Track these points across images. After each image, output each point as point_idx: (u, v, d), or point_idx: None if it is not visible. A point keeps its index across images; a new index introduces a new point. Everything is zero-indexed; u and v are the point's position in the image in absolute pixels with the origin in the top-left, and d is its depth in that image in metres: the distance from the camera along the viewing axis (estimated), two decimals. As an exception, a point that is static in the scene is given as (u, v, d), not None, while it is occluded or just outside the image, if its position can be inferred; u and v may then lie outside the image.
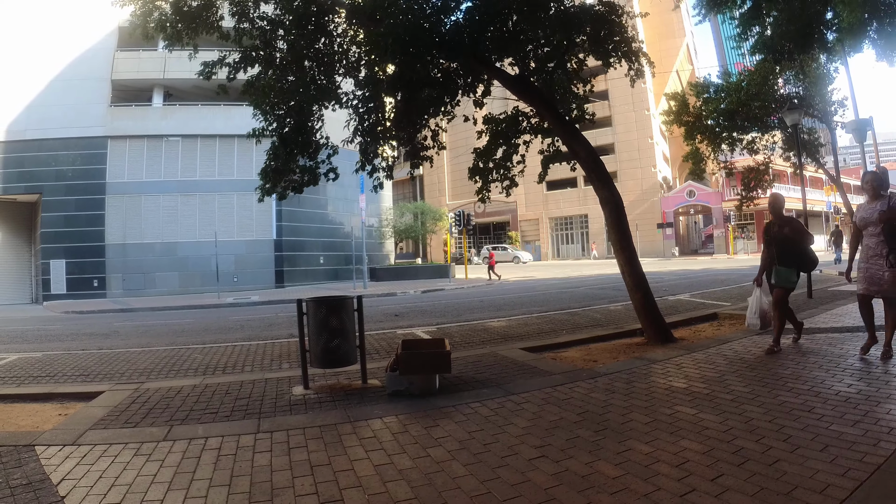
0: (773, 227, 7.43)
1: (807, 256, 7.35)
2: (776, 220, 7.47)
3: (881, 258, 6.06)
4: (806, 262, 7.36)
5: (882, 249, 6.04)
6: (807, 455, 3.60)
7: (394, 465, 3.87)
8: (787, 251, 7.25)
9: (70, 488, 3.63)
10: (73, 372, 8.16)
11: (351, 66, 10.13)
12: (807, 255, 7.36)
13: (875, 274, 6.14)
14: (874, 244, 6.15)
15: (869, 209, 6.25)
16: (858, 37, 9.23)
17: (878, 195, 6.22)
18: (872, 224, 6.15)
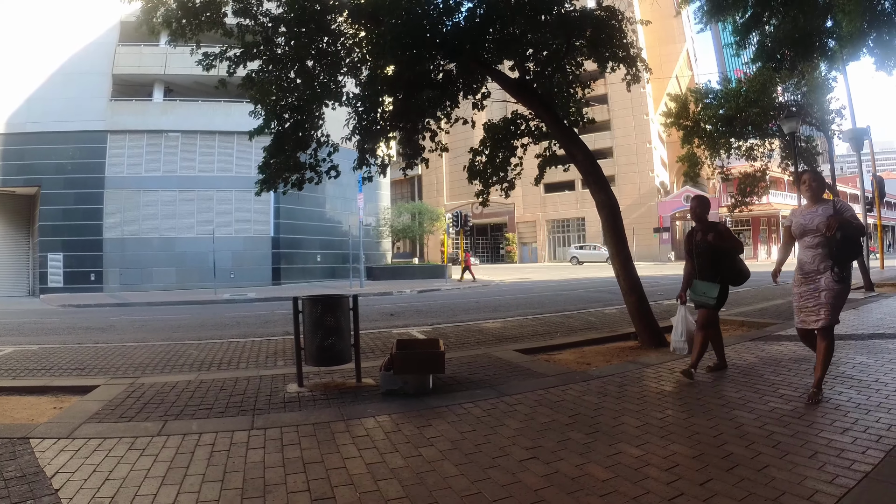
0: (695, 235, 6.47)
1: (735, 268, 6.34)
2: (699, 226, 6.50)
3: (819, 274, 5.08)
4: (734, 274, 6.34)
5: (821, 264, 5.07)
6: (795, 461, 3.63)
7: (386, 463, 3.90)
8: (709, 262, 6.32)
9: (64, 481, 3.65)
10: (69, 365, 8.17)
11: (353, 66, 10.15)
12: (735, 266, 6.35)
13: (811, 295, 5.16)
14: (811, 258, 5.16)
15: (808, 214, 5.24)
16: (857, 46, 9.27)
17: (820, 198, 5.30)
18: (812, 233, 5.12)
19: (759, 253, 52.76)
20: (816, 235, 5.10)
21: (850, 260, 5.12)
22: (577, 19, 8.80)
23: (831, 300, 5.03)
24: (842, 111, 17.72)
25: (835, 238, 4.92)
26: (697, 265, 6.42)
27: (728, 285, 6.35)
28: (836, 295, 5.04)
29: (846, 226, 4.93)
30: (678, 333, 6.61)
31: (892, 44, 9.26)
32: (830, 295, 5.03)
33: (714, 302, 6.21)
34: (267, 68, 9.72)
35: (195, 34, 9.46)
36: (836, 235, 4.90)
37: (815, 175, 5.51)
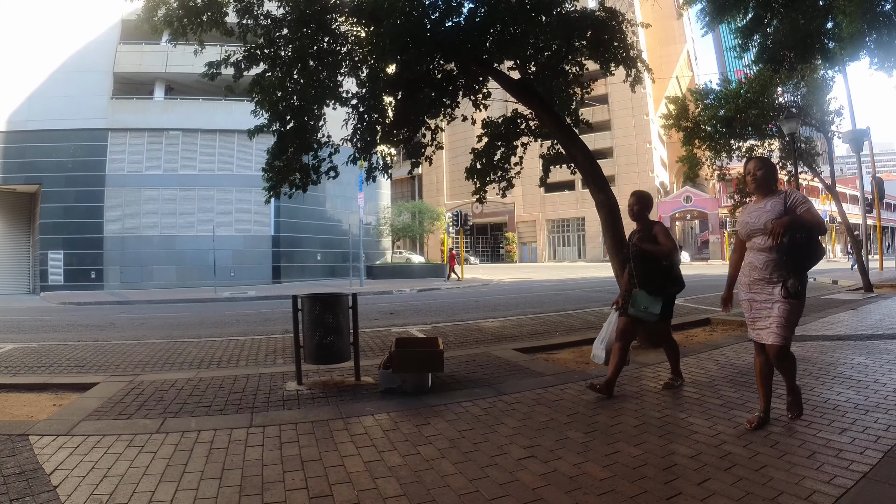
0: (633, 236, 5.78)
1: (669, 275, 5.55)
2: (638, 226, 5.76)
3: (771, 284, 4.28)
4: (670, 281, 5.55)
5: (773, 272, 4.27)
6: (793, 461, 3.64)
7: (384, 461, 3.90)
8: (646, 268, 5.55)
9: (63, 478, 3.65)
10: (69, 363, 8.18)
11: (353, 65, 10.16)
12: (670, 272, 5.56)
13: (761, 306, 4.37)
14: (761, 263, 4.32)
15: (755, 211, 4.45)
16: (857, 47, 9.26)
17: (770, 190, 4.44)
18: (760, 233, 4.31)
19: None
20: (766, 236, 4.24)
21: (807, 268, 4.28)
22: (578, 20, 8.81)
23: (784, 315, 4.21)
24: (841, 112, 17.73)
25: (783, 244, 4.07)
26: (635, 272, 5.65)
27: (674, 297, 5.66)
28: (790, 311, 4.21)
29: (797, 226, 4.09)
30: (600, 339, 5.90)
31: (892, 45, 9.25)
32: (783, 309, 4.21)
33: (656, 318, 5.43)
34: (271, 70, 9.74)
35: (196, 34, 9.48)
36: (783, 241, 4.05)
37: (761, 162, 4.56)
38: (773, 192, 4.45)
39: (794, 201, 4.26)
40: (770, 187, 4.47)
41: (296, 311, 6.30)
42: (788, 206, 4.25)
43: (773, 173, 4.54)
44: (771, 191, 4.46)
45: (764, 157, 5.11)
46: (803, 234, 4.10)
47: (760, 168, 4.49)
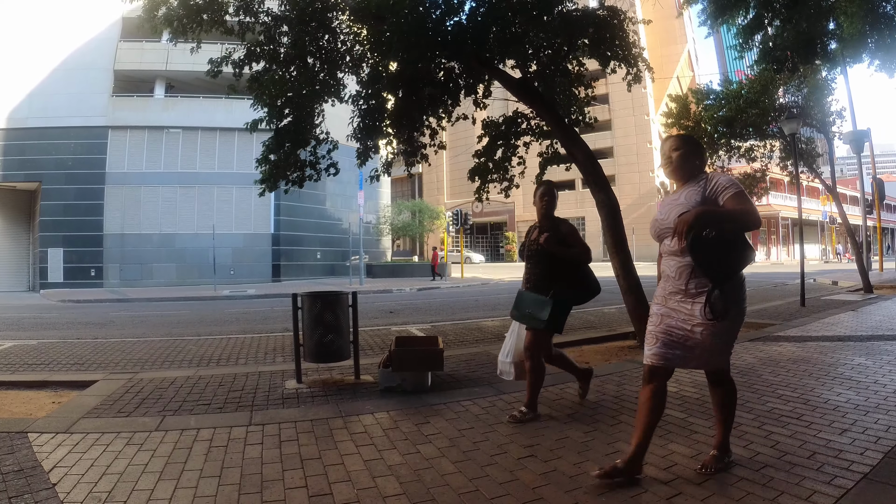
0: (531, 233, 5.18)
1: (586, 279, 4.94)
2: (542, 223, 5.12)
3: (689, 298, 3.33)
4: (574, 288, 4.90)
5: (690, 282, 3.33)
6: (794, 462, 3.63)
7: (383, 460, 3.90)
8: (544, 270, 4.93)
9: (62, 476, 3.65)
10: (68, 360, 8.17)
11: (354, 63, 10.16)
12: (587, 277, 4.95)
13: (677, 326, 3.38)
14: (675, 270, 3.41)
15: (667, 203, 3.54)
16: (859, 48, 9.27)
17: (691, 176, 3.51)
18: (669, 231, 3.34)
19: (759, 254, 52.75)
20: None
21: (730, 275, 3.26)
22: (579, 19, 8.80)
23: (712, 342, 3.31)
24: (842, 113, 17.73)
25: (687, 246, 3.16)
26: (529, 272, 5.08)
27: (567, 303, 4.95)
28: (719, 334, 3.30)
29: (709, 221, 3.13)
30: (504, 352, 5.26)
31: (893, 46, 9.25)
32: (708, 335, 3.28)
33: (543, 324, 4.73)
34: (270, 67, 9.74)
35: (196, 33, 9.48)
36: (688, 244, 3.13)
37: (678, 141, 3.59)
38: (696, 177, 3.48)
39: (716, 188, 3.31)
40: (690, 172, 3.52)
41: (295, 309, 6.30)
42: (707, 195, 3.30)
43: (695, 154, 3.56)
44: (692, 177, 3.50)
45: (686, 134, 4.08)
46: (716, 232, 3.14)
47: (677, 148, 3.54)
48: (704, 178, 3.43)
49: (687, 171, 3.52)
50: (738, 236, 3.28)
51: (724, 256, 3.20)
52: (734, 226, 3.22)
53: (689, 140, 3.67)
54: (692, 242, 3.11)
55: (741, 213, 3.17)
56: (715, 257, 3.17)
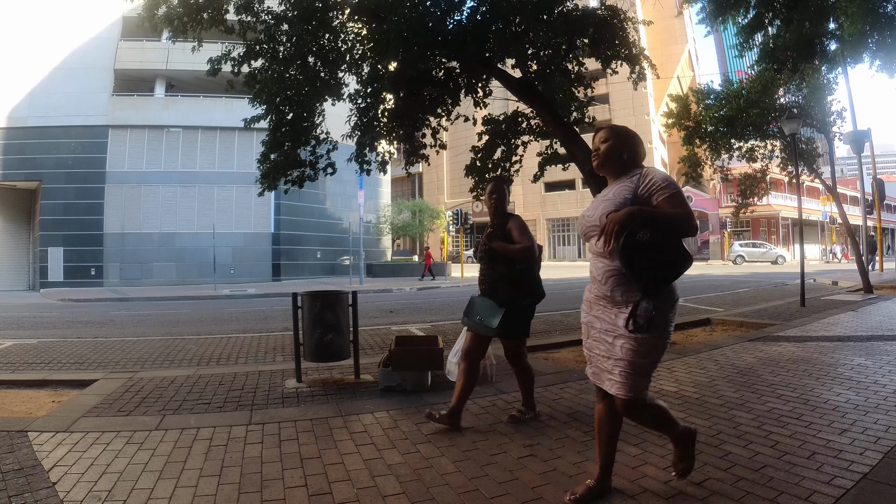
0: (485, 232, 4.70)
1: (520, 282, 4.49)
2: (494, 222, 4.70)
3: (615, 306, 2.98)
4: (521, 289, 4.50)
5: (616, 289, 2.96)
6: (793, 462, 3.63)
7: (383, 459, 3.90)
8: (495, 271, 4.54)
9: (61, 475, 3.66)
10: (68, 359, 8.18)
11: (354, 62, 10.17)
12: (522, 279, 4.50)
13: (599, 338, 3.09)
14: (601, 274, 3.04)
15: (595, 201, 3.21)
16: (859, 48, 9.26)
17: (622, 171, 3.12)
18: (596, 230, 2.97)
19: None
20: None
21: (662, 283, 2.86)
22: (580, 18, 8.80)
23: (629, 358, 2.91)
24: (843, 113, 17.73)
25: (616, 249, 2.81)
26: (481, 275, 4.70)
27: (522, 309, 4.58)
28: (639, 351, 2.89)
29: (642, 221, 2.76)
30: (454, 352, 5.10)
31: (894, 46, 9.25)
32: (628, 350, 2.91)
33: (493, 331, 4.40)
34: (270, 66, 9.74)
35: (196, 32, 9.48)
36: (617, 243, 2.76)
37: (609, 132, 3.20)
38: (626, 173, 3.09)
39: (650, 186, 2.92)
40: (620, 167, 3.13)
41: (295, 308, 6.30)
42: (640, 194, 2.93)
43: (626, 147, 3.14)
44: (622, 172, 3.11)
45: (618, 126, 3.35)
46: (650, 234, 2.76)
47: (606, 139, 3.16)
48: (638, 174, 3.02)
49: (616, 166, 3.14)
50: (673, 242, 2.85)
51: (657, 263, 2.80)
52: (669, 230, 2.83)
53: (621, 131, 3.22)
54: (623, 245, 2.74)
55: (679, 216, 2.82)
56: (647, 263, 2.79)
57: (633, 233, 2.74)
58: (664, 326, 2.94)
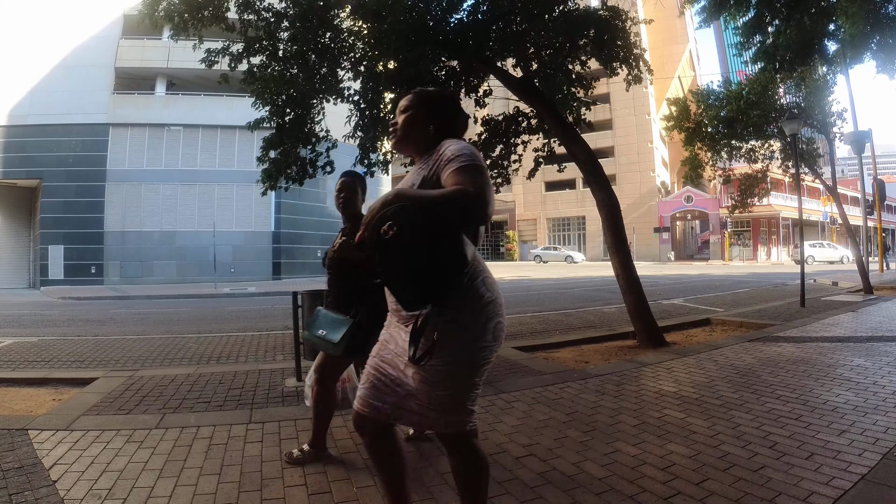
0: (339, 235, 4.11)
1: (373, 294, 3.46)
2: (347, 224, 4.13)
3: (402, 322, 2.40)
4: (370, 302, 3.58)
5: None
6: (792, 462, 3.64)
7: (383, 459, 3.91)
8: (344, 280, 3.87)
9: (62, 473, 3.66)
10: (69, 358, 8.18)
11: (354, 61, 10.17)
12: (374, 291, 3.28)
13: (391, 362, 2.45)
14: None
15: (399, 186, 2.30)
16: (860, 49, 9.26)
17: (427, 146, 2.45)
18: None
19: (759, 255, 52.77)
20: None
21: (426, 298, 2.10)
22: (580, 18, 8.80)
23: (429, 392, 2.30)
24: (843, 114, 17.73)
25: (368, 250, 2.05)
26: (328, 285, 4.13)
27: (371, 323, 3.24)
28: (435, 382, 2.26)
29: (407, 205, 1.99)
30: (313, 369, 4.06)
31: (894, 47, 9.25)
32: (421, 381, 2.28)
33: (334, 350, 3.66)
34: (269, 63, 9.74)
35: (197, 29, 9.48)
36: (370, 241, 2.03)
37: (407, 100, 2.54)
38: (429, 150, 2.40)
39: (439, 161, 2.25)
40: (423, 142, 2.47)
41: (296, 307, 6.30)
42: (429, 175, 2.27)
43: (430, 116, 2.47)
44: (426, 148, 2.44)
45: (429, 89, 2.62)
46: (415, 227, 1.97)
47: (405, 109, 2.52)
48: (438, 151, 2.29)
49: (417, 141, 2.49)
50: (450, 236, 2.07)
51: (418, 266, 2.02)
52: (442, 217, 2.02)
53: (424, 97, 2.55)
54: (369, 243, 2.02)
55: (449, 196, 2.02)
56: (403, 266, 2.04)
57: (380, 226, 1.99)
58: (461, 351, 2.23)
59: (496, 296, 2.34)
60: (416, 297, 2.10)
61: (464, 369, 2.27)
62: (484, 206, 2.05)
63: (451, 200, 2.00)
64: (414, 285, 2.07)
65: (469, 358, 2.26)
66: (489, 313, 2.28)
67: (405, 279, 2.07)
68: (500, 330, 2.34)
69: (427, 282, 2.05)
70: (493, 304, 2.30)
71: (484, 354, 2.29)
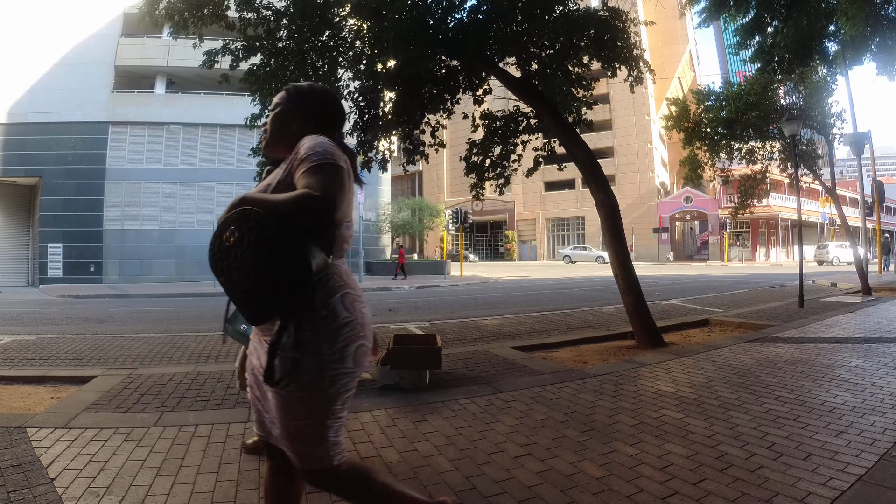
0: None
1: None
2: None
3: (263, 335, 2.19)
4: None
5: None
6: (789, 463, 3.64)
7: (381, 457, 3.91)
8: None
9: (60, 471, 3.66)
10: (67, 356, 8.18)
11: (354, 59, 10.16)
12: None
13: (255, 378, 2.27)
14: None
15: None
16: (860, 50, 9.26)
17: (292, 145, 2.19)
18: None
19: (758, 255, 52.78)
20: None
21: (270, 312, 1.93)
22: (581, 19, 8.80)
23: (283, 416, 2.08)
24: (843, 115, 17.74)
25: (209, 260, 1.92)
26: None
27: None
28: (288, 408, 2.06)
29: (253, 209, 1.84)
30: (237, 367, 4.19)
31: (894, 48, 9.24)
32: (276, 403, 2.08)
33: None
34: (269, 62, 9.73)
35: (198, 28, 9.48)
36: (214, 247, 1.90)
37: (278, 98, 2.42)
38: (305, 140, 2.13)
39: (293, 162, 2.09)
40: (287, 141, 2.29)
41: (294, 306, 6.29)
42: (286, 171, 2.12)
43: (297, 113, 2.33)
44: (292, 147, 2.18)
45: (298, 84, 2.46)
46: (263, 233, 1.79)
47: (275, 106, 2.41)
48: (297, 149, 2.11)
49: (282, 140, 2.33)
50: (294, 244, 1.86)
51: (258, 276, 1.82)
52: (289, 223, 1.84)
53: (294, 92, 2.40)
54: (211, 250, 1.90)
55: (298, 199, 1.85)
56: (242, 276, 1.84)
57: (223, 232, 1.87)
58: (318, 377, 2.02)
59: (357, 316, 2.13)
60: (255, 311, 1.93)
61: (319, 396, 2.05)
62: (331, 212, 1.94)
63: (295, 205, 1.84)
64: (253, 297, 1.88)
65: (326, 384, 2.04)
66: (347, 336, 2.08)
67: (245, 290, 1.87)
68: (362, 354, 2.15)
69: (267, 294, 1.86)
70: (351, 325, 2.10)
71: (344, 381, 2.10)
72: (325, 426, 2.07)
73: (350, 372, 2.09)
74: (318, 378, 2.01)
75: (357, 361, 2.11)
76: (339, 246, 2.17)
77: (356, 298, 2.15)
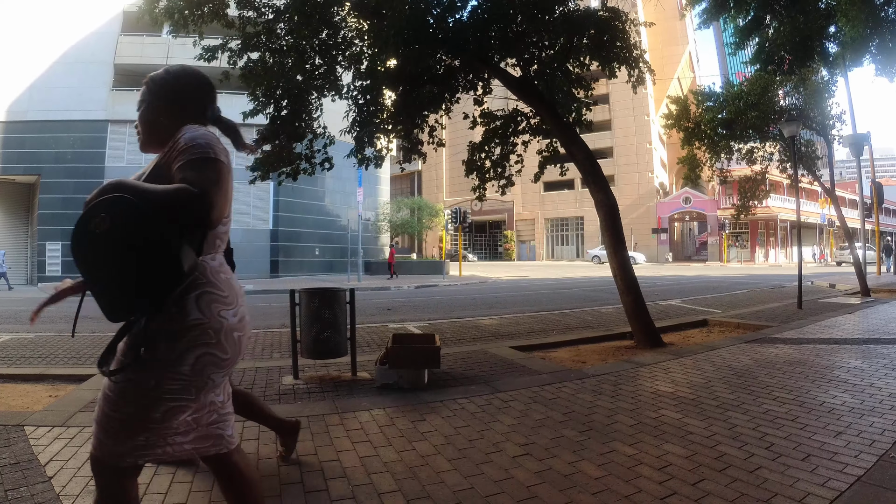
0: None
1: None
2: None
3: None
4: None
5: None
6: (788, 464, 3.64)
7: (379, 457, 3.90)
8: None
9: (58, 469, 3.65)
10: (65, 354, 8.17)
11: (354, 58, 10.15)
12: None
13: None
14: None
15: None
16: (860, 51, 9.24)
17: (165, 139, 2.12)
18: None
19: (757, 256, 52.82)
20: None
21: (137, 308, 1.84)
22: (581, 19, 8.79)
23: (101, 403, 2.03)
24: (842, 116, 17.74)
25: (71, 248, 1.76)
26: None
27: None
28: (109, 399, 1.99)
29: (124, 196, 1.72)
30: None
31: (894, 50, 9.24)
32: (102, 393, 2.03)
33: None
34: (267, 59, 9.73)
35: (197, 26, 9.47)
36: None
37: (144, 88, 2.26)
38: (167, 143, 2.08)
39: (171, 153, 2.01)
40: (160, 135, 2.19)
41: (293, 305, 6.30)
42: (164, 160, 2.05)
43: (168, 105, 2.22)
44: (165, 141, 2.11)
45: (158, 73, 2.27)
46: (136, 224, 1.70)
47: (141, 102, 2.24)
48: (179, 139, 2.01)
49: (155, 135, 2.22)
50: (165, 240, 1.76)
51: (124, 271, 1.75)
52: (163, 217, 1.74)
53: (154, 84, 2.25)
54: (74, 235, 1.74)
55: (173, 194, 1.78)
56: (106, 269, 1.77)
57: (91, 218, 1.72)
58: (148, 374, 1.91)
59: (209, 319, 1.95)
60: (113, 308, 1.80)
61: (139, 392, 1.91)
62: (207, 210, 1.83)
63: (171, 200, 1.75)
64: (114, 293, 1.78)
65: (151, 384, 1.90)
66: (192, 339, 1.91)
67: (106, 283, 1.78)
68: (206, 364, 1.95)
69: (130, 291, 1.76)
70: (199, 328, 1.93)
71: (172, 388, 1.91)
72: (133, 428, 1.93)
73: (185, 380, 1.92)
74: (145, 375, 1.90)
75: (196, 370, 1.93)
76: (211, 244, 2.12)
77: (217, 300, 2.00)
